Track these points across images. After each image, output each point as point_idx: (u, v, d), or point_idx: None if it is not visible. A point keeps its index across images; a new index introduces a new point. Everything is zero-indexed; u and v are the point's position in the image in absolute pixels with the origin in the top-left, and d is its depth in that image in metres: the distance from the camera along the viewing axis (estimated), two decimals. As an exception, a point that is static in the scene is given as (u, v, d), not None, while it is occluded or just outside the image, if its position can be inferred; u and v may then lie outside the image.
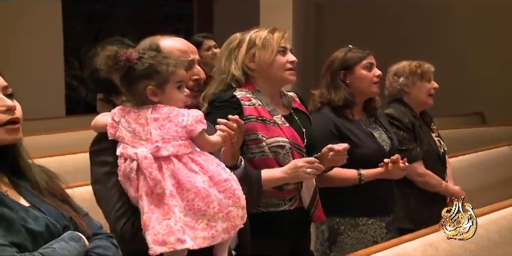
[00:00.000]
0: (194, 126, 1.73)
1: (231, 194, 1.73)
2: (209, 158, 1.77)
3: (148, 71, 1.74)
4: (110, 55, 1.73)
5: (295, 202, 2.43)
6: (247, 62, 2.42)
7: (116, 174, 1.76)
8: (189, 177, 1.69)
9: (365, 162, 2.75)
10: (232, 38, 2.50)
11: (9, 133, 1.49)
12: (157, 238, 1.63)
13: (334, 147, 2.42)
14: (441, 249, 2.27)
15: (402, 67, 3.37)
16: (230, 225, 1.72)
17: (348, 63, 2.88)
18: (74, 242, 1.51)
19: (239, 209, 1.74)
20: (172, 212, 1.65)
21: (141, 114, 1.74)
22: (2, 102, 1.49)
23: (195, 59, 2.00)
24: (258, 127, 2.35)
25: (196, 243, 1.65)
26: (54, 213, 1.56)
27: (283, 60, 2.43)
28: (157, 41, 1.88)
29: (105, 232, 1.67)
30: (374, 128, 2.93)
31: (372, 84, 2.88)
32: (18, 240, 1.42)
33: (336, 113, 2.85)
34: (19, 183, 1.58)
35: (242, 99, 2.37)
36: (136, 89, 1.76)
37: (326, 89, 2.89)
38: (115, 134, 1.77)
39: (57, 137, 4.89)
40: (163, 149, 1.69)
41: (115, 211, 1.75)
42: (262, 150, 2.36)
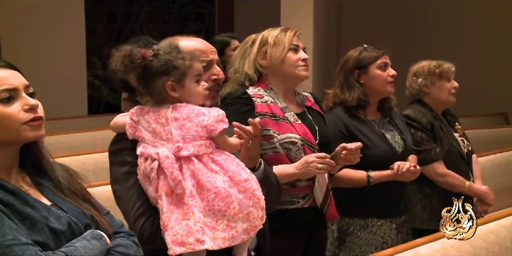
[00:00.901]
0: (215, 126, 1.72)
1: (251, 194, 1.72)
2: (229, 157, 1.76)
3: (166, 67, 1.73)
4: (125, 54, 1.73)
5: (309, 200, 2.44)
6: (259, 60, 2.45)
7: (135, 174, 1.76)
8: (209, 177, 1.68)
9: (375, 163, 2.73)
10: (247, 39, 2.54)
11: (32, 129, 1.51)
12: (176, 239, 1.62)
13: (347, 146, 2.42)
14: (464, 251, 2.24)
15: (421, 67, 3.35)
16: (250, 226, 1.71)
17: (363, 63, 2.86)
18: (96, 241, 1.52)
19: (259, 210, 1.73)
20: (191, 212, 1.65)
21: (161, 114, 1.74)
22: (25, 101, 1.50)
23: (215, 59, 2.00)
24: (270, 123, 2.36)
25: (216, 244, 1.65)
26: (75, 212, 1.57)
27: (295, 58, 2.44)
28: (176, 41, 1.88)
29: (126, 231, 1.67)
30: (387, 129, 2.91)
31: (387, 83, 2.86)
32: (40, 238, 1.44)
33: (348, 113, 2.83)
34: (41, 183, 1.60)
35: (255, 95, 2.39)
36: (155, 87, 1.75)
37: (340, 89, 2.87)
38: (134, 133, 1.77)
39: (80, 136, 4.93)
40: (184, 149, 1.69)
41: (134, 211, 1.76)
42: (273, 146, 2.36)
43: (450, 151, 3.25)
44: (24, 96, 1.51)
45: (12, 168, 1.55)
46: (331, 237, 2.83)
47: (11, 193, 1.47)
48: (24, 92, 1.52)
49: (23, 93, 1.51)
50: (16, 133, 1.49)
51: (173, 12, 8.39)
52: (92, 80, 7.53)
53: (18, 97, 1.50)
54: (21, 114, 1.49)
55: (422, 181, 3.12)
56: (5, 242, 1.36)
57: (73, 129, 5.25)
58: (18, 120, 1.48)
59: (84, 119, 6.44)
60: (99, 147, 4.36)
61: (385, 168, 2.74)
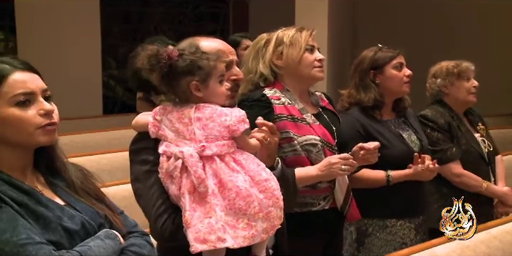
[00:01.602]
0: (237, 126, 1.74)
1: (271, 194, 1.73)
2: (250, 157, 1.78)
3: (191, 67, 1.75)
4: (152, 54, 1.75)
5: (329, 201, 2.42)
6: (274, 60, 2.43)
7: (156, 172, 1.77)
8: (231, 176, 1.70)
9: (393, 163, 2.72)
10: (258, 38, 2.52)
11: (45, 134, 1.51)
12: (198, 236, 1.63)
13: (365, 146, 2.40)
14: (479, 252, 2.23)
15: (439, 68, 3.34)
16: (269, 225, 1.72)
17: (378, 63, 2.85)
18: (109, 240, 1.53)
19: (278, 209, 1.74)
20: (213, 211, 1.66)
21: (185, 114, 1.75)
22: (41, 106, 1.51)
23: (234, 60, 2.01)
24: (289, 126, 2.35)
25: (237, 242, 1.66)
26: (89, 212, 1.58)
27: (311, 58, 2.43)
28: (197, 42, 1.89)
29: (140, 230, 1.68)
30: (403, 129, 2.89)
31: (403, 84, 2.85)
32: (54, 238, 1.44)
33: (364, 113, 2.82)
34: (55, 183, 1.61)
35: (272, 97, 2.37)
36: (179, 86, 1.77)
37: (355, 89, 2.86)
38: (157, 132, 1.79)
39: (94, 136, 4.96)
40: (208, 149, 1.70)
41: (156, 209, 1.76)
42: (293, 148, 2.35)
43: (468, 151, 3.23)
44: (41, 100, 1.52)
45: (27, 169, 1.56)
46: (349, 239, 2.82)
47: (25, 193, 1.48)
48: (41, 95, 1.53)
49: (39, 97, 1.52)
50: (29, 137, 1.50)
51: (187, 12, 8.41)
52: (107, 80, 7.56)
53: (34, 101, 1.51)
54: (36, 119, 1.50)
55: (440, 181, 3.11)
56: (19, 241, 1.37)
57: (88, 128, 5.28)
58: (32, 124, 1.49)
59: (99, 118, 6.48)
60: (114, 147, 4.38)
61: (402, 168, 2.73)
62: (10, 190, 1.45)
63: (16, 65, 1.52)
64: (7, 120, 1.48)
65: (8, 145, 1.50)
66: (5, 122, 1.48)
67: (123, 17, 7.93)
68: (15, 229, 1.38)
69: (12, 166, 1.51)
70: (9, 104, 1.48)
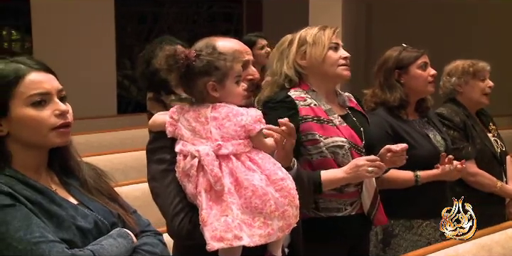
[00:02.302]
0: (253, 125, 1.75)
1: (287, 193, 1.73)
2: (266, 156, 1.78)
3: (208, 67, 1.76)
4: (170, 54, 1.76)
5: (356, 207, 2.37)
6: (298, 60, 2.38)
7: (173, 171, 1.78)
8: (247, 175, 1.70)
9: (420, 163, 2.69)
10: (283, 40, 2.47)
11: (59, 136, 1.52)
12: (215, 234, 1.64)
13: (392, 148, 2.34)
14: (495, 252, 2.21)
15: (455, 66, 3.32)
16: (285, 224, 1.72)
17: (403, 63, 2.83)
18: (122, 239, 1.53)
19: (293, 208, 1.74)
20: (230, 209, 1.66)
21: (201, 113, 1.76)
22: (56, 106, 1.52)
23: (250, 59, 2.01)
24: (315, 127, 2.30)
25: (253, 240, 1.66)
26: (102, 211, 1.59)
27: (335, 56, 2.37)
28: (213, 42, 1.89)
29: (153, 230, 1.68)
30: (427, 129, 2.88)
31: (428, 83, 2.84)
32: (68, 236, 1.45)
33: (391, 113, 2.80)
34: (68, 182, 1.62)
35: (297, 99, 2.32)
36: (196, 86, 1.78)
37: (380, 89, 2.85)
38: (174, 131, 1.80)
39: (109, 136, 4.98)
40: (224, 148, 1.71)
41: (173, 208, 1.77)
42: (320, 151, 2.30)
43: (482, 150, 3.21)
44: (56, 101, 1.53)
45: (41, 168, 1.57)
46: (374, 239, 2.80)
47: (39, 192, 1.49)
48: (56, 96, 1.53)
49: (55, 97, 1.53)
50: (44, 138, 1.51)
51: (201, 12, 8.43)
52: (121, 80, 7.60)
53: (50, 101, 1.52)
54: (51, 119, 1.50)
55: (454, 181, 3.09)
56: (32, 239, 1.38)
57: (103, 128, 5.31)
58: (47, 125, 1.50)
59: (113, 118, 6.51)
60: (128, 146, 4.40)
61: (429, 168, 2.70)
62: (24, 189, 1.46)
63: (32, 65, 1.53)
64: (22, 120, 1.49)
65: (23, 145, 1.51)
66: (20, 122, 1.49)
67: (137, 17, 7.96)
68: (28, 227, 1.39)
69: (26, 166, 1.52)
70: (25, 104, 1.49)
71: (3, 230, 1.38)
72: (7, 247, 1.37)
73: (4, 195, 1.41)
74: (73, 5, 6.51)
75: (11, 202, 1.41)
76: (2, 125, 1.49)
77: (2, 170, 1.47)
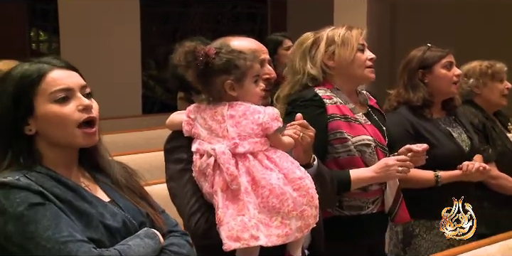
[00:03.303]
0: (270, 123, 1.73)
1: (305, 192, 1.72)
2: (283, 155, 1.77)
3: (227, 66, 1.75)
4: (189, 50, 1.75)
5: (377, 205, 2.37)
6: (325, 61, 2.37)
7: (190, 171, 1.78)
8: (264, 174, 1.69)
9: (442, 163, 2.67)
10: (304, 38, 2.46)
11: (85, 138, 1.54)
12: (231, 234, 1.63)
13: (413, 148, 2.34)
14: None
15: (472, 67, 3.27)
16: (304, 224, 1.71)
17: (427, 62, 2.81)
18: (149, 239, 1.54)
19: (312, 208, 1.73)
20: (246, 208, 1.65)
21: (218, 111, 1.76)
22: (79, 101, 1.53)
23: (266, 58, 2.00)
24: (342, 126, 2.29)
25: (270, 240, 1.65)
26: (131, 209, 1.60)
27: (363, 58, 2.37)
28: (228, 41, 1.88)
29: (180, 230, 1.69)
30: (453, 127, 2.85)
31: (452, 84, 2.81)
32: (96, 235, 1.47)
33: (413, 112, 2.78)
34: (99, 178, 1.63)
35: (324, 97, 2.32)
36: (214, 85, 1.77)
37: (404, 89, 2.83)
38: (191, 130, 1.79)
39: (134, 135, 5.01)
40: (240, 146, 1.70)
41: (189, 207, 1.77)
42: (347, 149, 2.29)
43: (503, 152, 3.17)
44: (79, 96, 1.54)
45: (72, 165, 1.59)
46: (394, 239, 2.79)
47: (70, 189, 1.51)
48: (80, 92, 1.55)
49: (78, 93, 1.54)
50: (70, 137, 1.52)
51: (225, 12, 8.44)
52: (146, 80, 7.65)
53: (73, 97, 1.53)
54: (75, 114, 1.52)
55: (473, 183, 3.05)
56: (60, 238, 1.39)
57: (128, 128, 5.34)
58: (71, 120, 1.51)
59: (138, 118, 6.55)
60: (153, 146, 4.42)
61: (452, 168, 2.68)
62: (55, 187, 1.48)
63: (55, 64, 1.55)
64: (47, 117, 1.51)
65: (51, 144, 1.53)
66: (46, 120, 1.51)
67: (162, 17, 8.00)
68: (57, 226, 1.41)
69: (57, 163, 1.54)
70: (49, 101, 1.51)
71: (33, 229, 1.39)
72: (36, 245, 1.39)
73: (34, 194, 1.43)
74: (99, 6, 6.57)
75: (41, 200, 1.43)
76: (30, 124, 1.51)
77: (34, 167, 1.49)
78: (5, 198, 1.41)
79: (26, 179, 1.45)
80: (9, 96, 1.50)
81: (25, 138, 1.51)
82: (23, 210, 1.40)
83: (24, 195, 1.42)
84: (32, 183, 1.45)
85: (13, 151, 1.50)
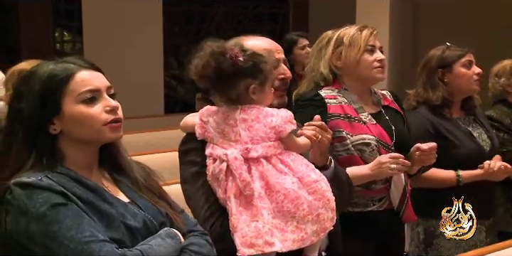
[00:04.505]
0: (283, 127, 1.71)
1: (321, 196, 1.70)
2: (298, 158, 1.75)
3: (254, 69, 1.73)
4: (220, 51, 1.73)
5: (384, 203, 2.38)
6: (333, 61, 2.40)
7: (204, 174, 1.77)
8: (278, 178, 1.67)
9: (463, 162, 2.66)
10: (323, 36, 2.48)
11: (112, 131, 1.55)
12: (245, 240, 1.62)
13: (421, 146, 2.35)
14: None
15: (503, 67, 3.26)
16: (320, 228, 1.69)
17: (447, 61, 2.79)
18: (170, 239, 1.54)
19: (329, 211, 1.71)
20: (260, 214, 1.64)
21: (230, 115, 1.74)
22: (106, 103, 1.54)
23: (281, 58, 2.00)
24: (342, 125, 2.32)
25: (285, 246, 1.64)
26: (151, 210, 1.60)
27: (370, 59, 2.37)
28: (242, 41, 1.87)
29: (200, 230, 1.69)
30: (473, 127, 2.84)
31: (472, 82, 2.79)
32: (117, 235, 1.47)
33: (433, 112, 2.77)
34: (119, 179, 1.64)
35: (327, 97, 2.34)
36: (236, 86, 1.74)
37: (423, 88, 2.81)
38: (204, 134, 1.78)
39: (156, 135, 5.03)
40: (253, 151, 1.68)
41: (204, 211, 1.77)
42: (346, 148, 2.31)
43: None
44: (106, 97, 1.55)
45: (93, 166, 1.60)
46: (415, 239, 2.77)
47: (91, 190, 1.52)
48: (106, 93, 1.56)
49: (105, 94, 1.55)
50: (96, 133, 1.53)
51: (247, 12, 8.44)
52: (168, 80, 7.68)
53: (100, 98, 1.54)
54: (103, 115, 1.53)
55: (506, 183, 3.01)
56: (83, 238, 1.40)
57: (150, 127, 5.37)
58: (99, 121, 1.52)
59: (160, 118, 6.58)
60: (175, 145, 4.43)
61: (472, 168, 2.67)
62: (76, 187, 1.49)
63: (81, 64, 1.56)
64: (74, 117, 1.51)
65: (75, 142, 1.54)
66: (72, 119, 1.52)
67: (185, 17, 8.03)
68: (80, 226, 1.41)
69: (79, 163, 1.55)
70: (76, 102, 1.52)
71: (55, 229, 1.40)
72: (59, 245, 1.40)
73: (56, 194, 1.44)
74: (122, 6, 6.63)
75: (63, 201, 1.44)
76: (55, 124, 1.52)
77: (55, 168, 1.50)
78: (28, 198, 1.42)
79: (48, 180, 1.46)
80: (36, 95, 1.51)
81: (49, 137, 1.52)
82: (45, 210, 1.41)
83: (46, 195, 1.43)
84: (54, 183, 1.46)
85: (37, 151, 1.51)
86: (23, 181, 1.44)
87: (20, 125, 1.51)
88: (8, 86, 3.41)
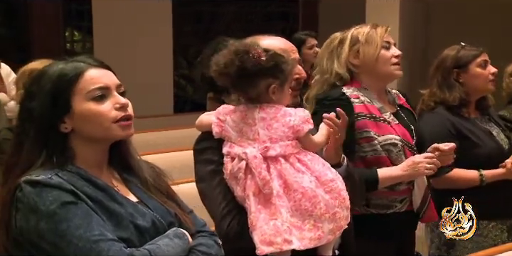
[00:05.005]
0: (301, 126, 1.72)
1: (337, 194, 1.71)
2: (315, 157, 1.76)
3: (275, 69, 1.73)
4: (245, 49, 1.73)
5: (405, 204, 2.36)
6: (351, 60, 2.38)
7: (221, 173, 1.77)
8: (296, 177, 1.68)
9: (484, 162, 2.65)
10: (332, 38, 2.47)
11: (122, 129, 1.55)
12: (264, 238, 1.63)
13: (440, 147, 2.32)
14: None
15: None
16: (336, 226, 1.70)
17: (462, 61, 2.78)
18: (178, 239, 1.55)
19: (344, 210, 1.72)
20: (279, 212, 1.64)
21: (249, 114, 1.74)
22: (116, 100, 1.55)
23: (296, 58, 2.00)
24: (369, 125, 2.29)
25: (303, 244, 1.64)
26: (160, 210, 1.61)
27: (388, 55, 2.37)
28: (259, 41, 1.87)
29: (209, 230, 1.69)
30: (491, 126, 2.83)
31: (488, 82, 2.78)
32: (125, 234, 1.48)
33: (452, 112, 2.76)
34: (129, 179, 1.64)
35: (351, 96, 2.32)
36: (257, 86, 1.74)
37: (438, 89, 2.80)
38: (221, 132, 1.78)
39: (166, 134, 5.04)
40: (272, 149, 1.69)
41: (220, 210, 1.76)
42: (374, 148, 2.29)
43: None
44: (115, 95, 1.56)
45: (102, 165, 1.61)
46: (437, 241, 2.76)
47: (100, 189, 1.52)
48: (116, 91, 1.57)
49: (114, 92, 1.56)
50: (107, 131, 1.54)
51: (257, 11, 8.45)
52: (177, 79, 7.69)
53: (109, 96, 1.55)
54: (112, 113, 1.53)
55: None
56: (92, 237, 1.41)
57: (159, 127, 5.38)
58: (109, 118, 1.53)
59: (170, 117, 6.59)
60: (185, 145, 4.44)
61: (492, 167, 2.66)
62: (86, 186, 1.49)
63: (90, 62, 1.57)
64: (84, 115, 1.52)
65: (86, 140, 1.55)
66: (83, 117, 1.52)
67: (195, 17, 8.04)
68: (89, 225, 1.42)
69: (89, 162, 1.56)
70: (86, 100, 1.52)
71: (64, 227, 1.41)
72: (68, 244, 1.40)
73: (66, 192, 1.44)
74: (132, 6, 6.65)
75: (73, 199, 1.44)
76: (66, 122, 1.53)
77: (65, 166, 1.51)
78: (37, 196, 1.43)
79: (58, 178, 1.46)
80: (47, 94, 1.52)
81: (60, 136, 1.53)
82: (55, 208, 1.42)
83: (56, 193, 1.44)
84: (64, 182, 1.46)
85: (48, 149, 1.51)
86: (33, 179, 1.45)
87: (31, 124, 1.52)
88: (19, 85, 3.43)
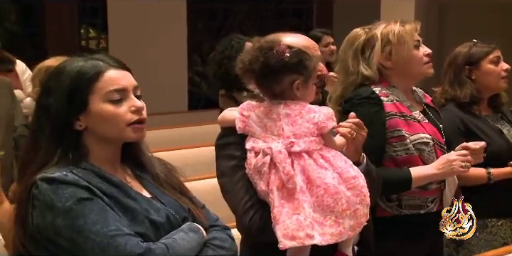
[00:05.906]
0: (325, 123, 1.73)
1: (359, 192, 1.71)
2: (337, 154, 1.77)
3: (299, 66, 1.74)
4: (269, 46, 1.74)
5: (436, 204, 2.33)
6: (382, 62, 2.33)
7: (243, 168, 1.78)
8: (319, 173, 1.69)
9: (493, 159, 2.61)
10: (354, 36, 2.41)
11: (135, 132, 1.57)
12: (287, 233, 1.63)
13: (470, 145, 2.29)
14: None
15: None
16: (356, 223, 1.71)
17: (474, 58, 2.76)
18: (193, 233, 1.56)
19: (364, 207, 1.73)
20: (302, 207, 1.65)
21: (273, 110, 1.75)
22: (132, 103, 1.57)
23: (318, 55, 2.00)
24: (400, 124, 2.26)
25: (324, 239, 1.65)
26: (173, 205, 1.62)
27: (420, 54, 2.32)
28: (281, 38, 1.87)
29: (222, 224, 1.71)
30: (501, 124, 2.80)
31: (500, 79, 2.76)
32: (141, 229, 1.49)
33: (462, 109, 2.74)
34: (142, 176, 1.66)
35: (381, 95, 2.29)
36: (281, 82, 1.75)
37: (450, 86, 2.78)
38: (245, 128, 1.79)
39: (180, 131, 5.06)
40: (296, 145, 1.70)
41: (243, 204, 1.77)
42: (406, 147, 2.26)
43: None
44: (132, 97, 1.57)
45: (115, 162, 1.63)
46: (445, 239, 2.75)
47: (115, 185, 1.54)
48: (132, 93, 1.58)
49: (131, 94, 1.57)
50: (120, 132, 1.56)
51: (270, 8, 8.44)
52: (192, 76, 7.71)
53: (126, 98, 1.56)
54: (128, 115, 1.55)
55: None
56: (109, 232, 1.43)
57: (174, 123, 5.40)
58: (124, 120, 1.55)
59: (184, 114, 6.61)
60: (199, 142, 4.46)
61: (501, 165, 2.64)
62: (100, 183, 1.51)
63: (110, 63, 1.58)
64: (100, 115, 1.54)
65: (99, 139, 1.56)
66: (98, 117, 1.54)
67: (208, 14, 8.05)
68: (105, 220, 1.44)
69: (102, 159, 1.58)
70: (103, 100, 1.54)
71: (81, 223, 1.43)
72: (85, 239, 1.42)
73: (82, 189, 1.46)
74: (147, 3, 6.67)
75: (89, 195, 1.46)
76: (81, 120, 1.54)
77: (79, 163, 1.52)
78: (53, 193, 1.45)
79: (73, 175, 1.48)
80: (64, 91, 1.53)
81: (74, 133, 1.55)
82: (71, 204, 1.44)
83: (72, 190, 1.45)
84: (79, 178, 1.48)
85: (63, 147, 1.53)
86: (49, 176, 1.47)
87: (47, 121, 1.54)
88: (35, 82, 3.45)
